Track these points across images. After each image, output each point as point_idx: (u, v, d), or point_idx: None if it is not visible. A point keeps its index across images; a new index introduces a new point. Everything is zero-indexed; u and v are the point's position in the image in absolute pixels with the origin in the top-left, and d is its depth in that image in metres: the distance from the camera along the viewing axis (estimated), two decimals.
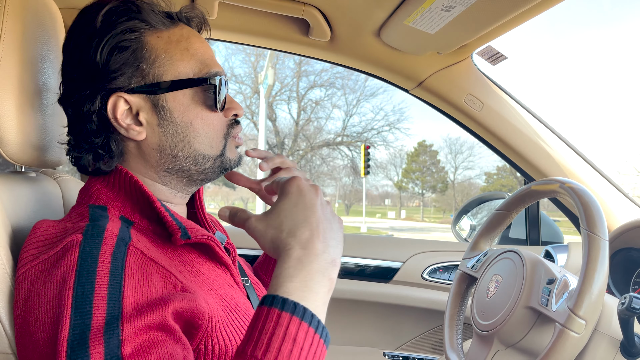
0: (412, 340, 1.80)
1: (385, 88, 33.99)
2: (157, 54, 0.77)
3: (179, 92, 0.78)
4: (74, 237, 0.65)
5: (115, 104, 0.76)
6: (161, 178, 0.82)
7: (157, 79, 0.77)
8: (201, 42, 0.83)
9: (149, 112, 0.78)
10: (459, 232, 2.11)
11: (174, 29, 0.80)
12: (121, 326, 0.58)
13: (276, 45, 1.62)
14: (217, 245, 0.81)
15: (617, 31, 66.05)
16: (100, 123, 0.77)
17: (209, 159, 0.82)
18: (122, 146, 0.79)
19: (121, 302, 0.60)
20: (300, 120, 33.90)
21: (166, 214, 0.75)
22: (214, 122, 0.82)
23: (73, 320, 0.58)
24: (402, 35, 1.40)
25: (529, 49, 66.43)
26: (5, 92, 0.77)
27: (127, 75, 0.76)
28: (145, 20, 0.77)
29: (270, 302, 0.60)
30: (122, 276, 0.62)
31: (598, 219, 0.92)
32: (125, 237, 0.67)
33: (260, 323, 0.59)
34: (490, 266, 1.15)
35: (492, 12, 1.18)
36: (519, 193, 1.17)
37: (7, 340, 0.66)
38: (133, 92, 0.77)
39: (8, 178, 0.84)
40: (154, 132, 0.79)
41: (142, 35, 0.77)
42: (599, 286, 0.86)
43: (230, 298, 0.78)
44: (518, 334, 0.99)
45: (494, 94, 1.61)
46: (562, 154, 1.61)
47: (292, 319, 0.59)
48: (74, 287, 0.60)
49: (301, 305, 0.60)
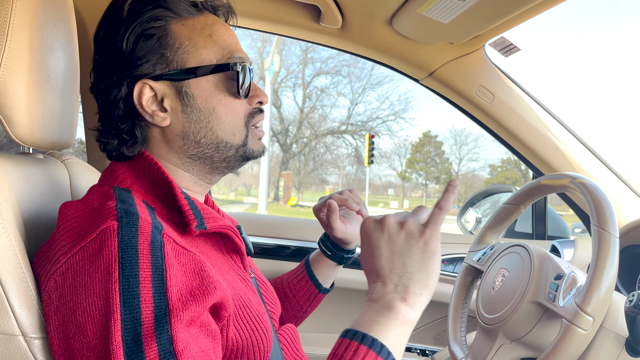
0: (414, 331, 1.81)
1: (392, 77, 33.85)
2: (180, 42, 0.78)
3: (202, 79, 0.79)
4: (110, 223, 0.65)
5: (141, 91, 0.77)
6: (184, 164, 0.82)
7: (181, 65, 0.78)
8: (225, 29, 0.83)
9: (173, 99, 0.79)
10: (464, 224, 2.11)
11: (198, 17, 0.81)
12: (170, 322, 0.60)
13: (286, 31, 1.61)
14: (235, 234, 0.81)
15: (628, 28, 65.46)
16: (126, 109, 0.79)
17: (231, 147, 0.82)
18: (146, 132, 0.81)
19: (166, 294, 0.61)
20: (305, 107, 33.86)
21: (184, 202, 0.75)
22: (237, 109, 0.82)
23: (123, 315, 0.59)
24: (415, 24, 1.38)
25: (541, 40, 65.97)
26: (15, 73, 0.76)
27: (151, 62, 0.77)
28: (170, 9, 0.78)
29: (345, 335, 0.68)
30: (163, 267, 0.63)
31: (609, 216, 0.91)
32: (158, 225, 0.68)
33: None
34: (497, 260, 1.15)
35: (508, 3, 1.17)
36: (528, 187, 1.16)
37: (16, 322, 0.66)
38: (158, 79, 0.78)
39: (16, 159, 0.84)
40: (178, 119, 0.80)
41: (167, 23, 0.78)
42: (608, 283, 0.86)
43: (242, 292, 0.78)
44: (523, 328, 0.99)
45: (505, 86, 1.59)
46: (572, 148, 1.60)
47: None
48: (119, 280, 0.60)
49: (371, 338, 0.65)
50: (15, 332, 0.66)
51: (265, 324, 0.79)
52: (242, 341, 0.72)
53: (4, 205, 0.70)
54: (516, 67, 46.10)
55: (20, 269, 0.68)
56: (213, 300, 0.65)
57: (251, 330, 0.75)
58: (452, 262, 1.75)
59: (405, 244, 0.71)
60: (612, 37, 65.65)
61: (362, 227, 0.76)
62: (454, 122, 41.86)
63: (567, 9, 58.70)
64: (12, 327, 0.66)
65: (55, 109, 0.86)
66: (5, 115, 0.77)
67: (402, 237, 0.71)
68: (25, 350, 0.66)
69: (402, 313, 0.68)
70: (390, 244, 0.71)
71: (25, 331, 0.66)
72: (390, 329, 0.67)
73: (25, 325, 0.67)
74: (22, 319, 0.66)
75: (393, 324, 0.67)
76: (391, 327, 0.67)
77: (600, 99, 63.58)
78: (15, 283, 0.67)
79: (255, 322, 0.76)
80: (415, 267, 0.70)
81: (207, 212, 0.79)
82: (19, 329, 0.66)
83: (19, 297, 0.67)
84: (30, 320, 0.67)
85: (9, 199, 0.72)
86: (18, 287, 0.67)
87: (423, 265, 0.70)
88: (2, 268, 0.67)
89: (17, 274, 0.68)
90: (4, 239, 0.68)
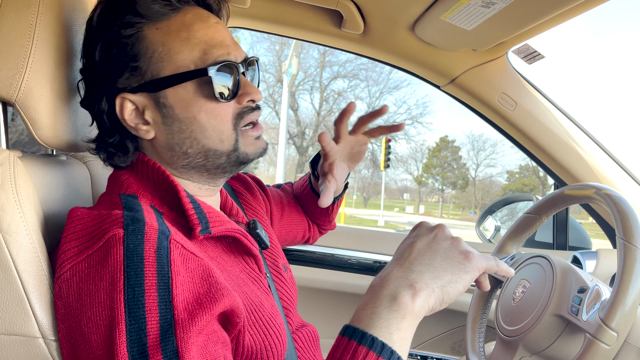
0: (431, 339, 1.79)
1: (410, 81, 33.73)
2: (154, 49, 0.72)
3: (179, 87, 0.73)
4: (115, 231, 0.63)
5: (122, 105, 0.74)
6: (181, 173, 0.80)
7: (155, 75, 0.73)
8: (207, 27, 0.75)
9: (153, 110, 0.75)
10: (483, 232, 2.08)
11: (175, 17, 0.74)
12: (175, 332, 0.58)
13: (308, 36, 1.61)
14: (246, 237, 0.79)
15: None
16: (112, 123, 0.76)
17: (221, 154, 0.77)
18: (137, 144, 0.79)
19: (172, 304, 0.60)
20: (322, 110, 33.85)
21: (189, 206, 0.73)
22: (221, 113, 0.75)
23: (128, 326, 0.58)
24: (438, 31, 1.37)
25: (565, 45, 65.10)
26: (40, 76, 0.77)
27: (125, 75, 0.73)
28: (141, 14, 0.72)
29: (344, 332, 0.64)
30: (169, 274, 0.61)
31: (635, 229, 0.89)
32: (165, 230, 0.66)
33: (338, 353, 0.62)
34: (518, 270, 1.13)
35: (533, 10, 1.15)
36: (550, 197, 1.14)
37: (37, 324, 0.67)
38: (136, 92, 0.74)
39: (40, 160, 0.85)
40: (161, 130, 0.76)
41: (139, 31, 0.72)
42: (634, 298, 0.84)
43: (254, 296, 0.76)
44: (544, 341, 0.97)
45: (528, 94, 1.57)
46: (596, 158, 1.57)
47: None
48: (124, 289, 0.59)
49: (369, 335, 0.61)
50: (36, 334, 0.67)
51: (279, 327, 0.77)
52: (255, 346, 0.71)
53: (28, 208, 0.70)
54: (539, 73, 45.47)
55: (42, 271, 0.69)
56: (221, 308, 0.63)
57: (264, 334, 0.73)
58: None
59: (447, 250, 0.69)
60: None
61: (415, 227, 0.75)
62: (471, 127, 41.55)
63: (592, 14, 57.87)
64: (33, 330, 0.67)
65: (78, 112, 0.87)
66: (30, 118, 0.77)
67: (448, 244, 0.70)
68: (45, 352, 0.67)
69: (406, 303, 0.62)
70: (433, 242, 0.70)
71: (46, 333, 0.67)
72: (392, 322, 0.62)
73: (45, 327, 0.67)
74: (42, 321, 0.67)
75: (395, 317, 0.62)
76: (393, 320, 0.62)
77: (627, 106, 62.47)
78: (36, 285, 0.68)
79: (268, 325, 0.75)
80: (442, 267, 0.66)
81: (214, 215, 0.76)
82: (39, 331, 0.67)
83: (40, 300, 0.67)
84: (50, 323, 0.67)
85: (33, 201, 0.73)
86: (39, 290, 0.68)
87: (452, 269, 0.67)
88: (25, 270, 0.67)
89: (39, 276, 0.68)
90: (27, 241, 0.68)
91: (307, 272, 1.76)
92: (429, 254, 0.68)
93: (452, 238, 0.70)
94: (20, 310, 0.66)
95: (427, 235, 0.71)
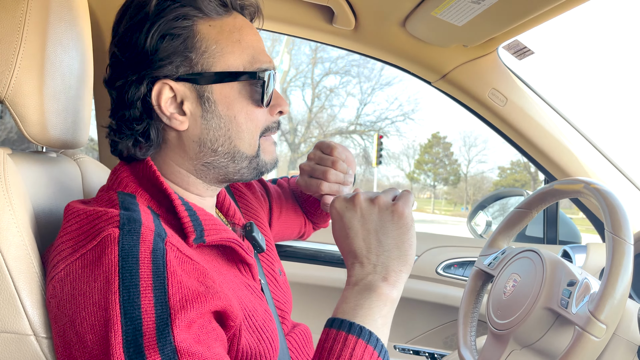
0: (423, 334, 1.80)
1: (401, 77, 33.79)
2: (207, 44, 0.75)
3: (226, 85, 0.76)
4: (110, 231, 0.63)
5: (160, 91, 0.74)
6: (197, 171, 0.79)
7: (206, 69, 0.75)
8: (254, 33, 0.80)
9: (193, 103, 0.75)
10: (474, 227, 2.10)
11: (227, 18, 0.77)
12: (172, 331, 0.58)
13: (299, 32, 1.61)
14: (240, 246, 0.79)
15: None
16: (143, 109, 0.75)
17: (245, 158, 0.79)
18: (162, 135, 0.77)
19: (168, 303, 0.60)
20: (314, 107, 33.85)
21: (184, 214, 0.73)
22: (257, 118, 0.79)
23: (124, 327, 0.58)
24: (429, 27, 1.38)
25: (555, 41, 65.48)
26: (29, 72, 0.77)
27: (175, 63, 0.74)
28: (198, 8, 0.75)
29: (330, 324, 0.68)
30: (165, 274, 0.61)
31: (624, 222, 0.90)
32: (162, 232, 0.66)
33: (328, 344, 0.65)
34: (508, 264, 1.14)
35: (523, 6, 1.16)
36: (540, 191, 1.15)
37: (28, 321, 0.66)
38: (179, 80, 0.74)
39: (30, 157, 0.84)
40: (196, 124, 0.76)
41: (195, 24, 0.74)
42: (622, 291, 0.85)
43: (248, 302, 0.76)
44: (535, 334, 0.98)
45: (519, 90, 1.58)
46: (586, 153, 1.58)
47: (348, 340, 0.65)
48: (119, 290, 0.59)
49: (354, 325, 0.66)
50: (27, 331, 0.66)
51: (272, 333, 0.78)
52: (250, 350, 0.71)
53: (18, 205, 0.70)
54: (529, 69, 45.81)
55: (33, 269, 0.69)
56: (215, 306, 0.63)
57: (257, 340, 0.73)
58: (463, 265, 1.75)
59: (379, 221, 0.72)
60: (631, 37, 65.05)
61: (333, 207, 0.76)
62: (463, 123, 41.70)
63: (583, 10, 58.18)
64: (24, 327, 0.66)
65: (68, 109, 0.87)
66: (19, 114, 0.77)
67: (375, 214, 0.72)
68: (36, 349, 0.66)
69: (385, 293, 0.69)
70: (364, 222, 0.72)
71: (37, 331, 0.67)
72: (374, 311, 0.67)
73: (36, 324, 0.67)
74: (33, 319, 0.67)
75: (377, 305, 0.68)
76: (375, 309, 0.68)
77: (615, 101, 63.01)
78: (27, 282, 0.67)
79: (261, 331, 0.75)
80: (392, 244, 0.71)
81: (209, 222, 0.76)
82: (30, 329, 0.66)
83: (30, 297, 0.67)
84: (41, 320, 0.67)
85: (23, 198, 0.72)
86: (30, 287, 0.67)
87: (399, 241, 0.71)
88: (15, 267, 0.67)
89: (30, 274, 0.68)
90: (17, 238, 0.68)
91: (299, 269, 1.77)
92: (374, 240, 0.72)
93: (372, 205, 0.73)
94: (12, 307, 0.66)
95: (355, 216, 0.74)
